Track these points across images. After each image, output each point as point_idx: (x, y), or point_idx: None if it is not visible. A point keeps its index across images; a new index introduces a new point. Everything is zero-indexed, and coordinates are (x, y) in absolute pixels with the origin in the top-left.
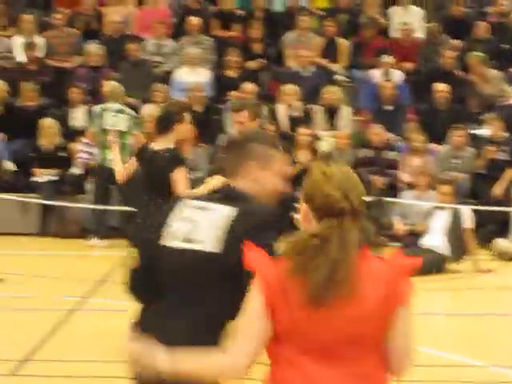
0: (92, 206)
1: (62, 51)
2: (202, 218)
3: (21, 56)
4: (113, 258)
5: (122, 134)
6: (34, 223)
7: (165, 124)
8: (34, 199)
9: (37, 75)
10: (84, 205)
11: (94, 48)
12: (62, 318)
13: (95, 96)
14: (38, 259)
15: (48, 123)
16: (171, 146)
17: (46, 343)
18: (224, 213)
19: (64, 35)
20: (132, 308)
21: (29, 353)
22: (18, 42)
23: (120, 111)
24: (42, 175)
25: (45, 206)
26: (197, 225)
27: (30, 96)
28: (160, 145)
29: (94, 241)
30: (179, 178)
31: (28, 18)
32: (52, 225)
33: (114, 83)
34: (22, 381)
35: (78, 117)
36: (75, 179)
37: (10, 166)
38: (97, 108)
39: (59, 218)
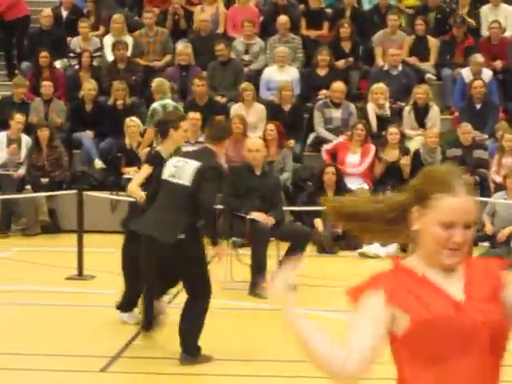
0: None
1: (151, 50)
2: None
3: (111, 55)
4: None
5: None
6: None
7: (162, 129)
8: (122, 197)
9: (126, 74)
10: None
11: (182, 47)
12: None
13: (184, 95)
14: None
15: (132, 122)
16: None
17: (136, 341)
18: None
19: (153, 34)
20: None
21: (120, 350)
22: (108, 42)
23: (176, 107)
24: (130, 173)
25: (134, 203)
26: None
27: (119, 95)
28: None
29: None
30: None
31: (118, 18)
32: None
33: (160, 79)
34: (111, 377)
35: None
36: None
37: (99, 163)
38: (157, 105)
39: None
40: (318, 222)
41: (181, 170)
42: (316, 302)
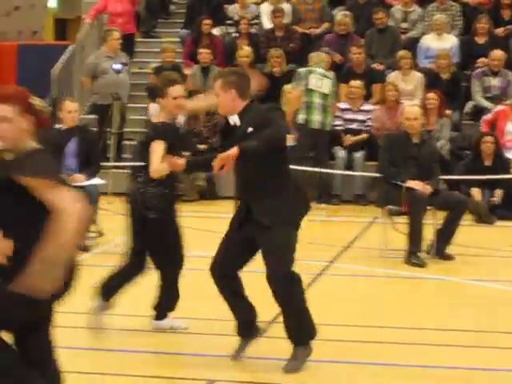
0: (339, 172)
1: (308, 18)
2: None
3: (268, 22)
4: (356, 224)
5: (324, 96)
6: None
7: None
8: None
9: (283, 41)
10: (329, 170)
11: (342, 16)
12: (308, 282)
13: (343, 62)
14: None
15: (292, 89)
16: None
17: None
18: None
19: (311, 2)
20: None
21: (276, 315)
22: (266, 9)
23: (324, 75)
24: (289, 140)
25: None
26: None
27: (276, 62)
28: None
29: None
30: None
31: None
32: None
33: (320, 53)
34: (267, 342)
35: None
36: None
37: None
38: (303, 70)
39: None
40: (476, 192)
41: None
42: (475, 272)
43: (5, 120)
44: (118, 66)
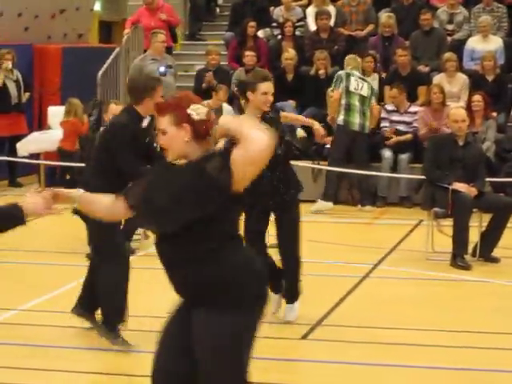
0: (384, 174)
1: (353, 20)
2: None
3: (313, 25)
4: (402, 227)
5: (363, 99)
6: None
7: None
8: (324, 166)
9: (328, 44)
10: (374, 172)
11: (386, 18)
12: (354, 284)
13: (387, 64)
14: (330, 226)
15: (337, 91)
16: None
17: (337, 309)
18: None
19: (356, 4)
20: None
21: (320, 318)
22: (311, 11)
23: (362, 79)
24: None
25: (337, 173)
26: None
27: (321, 64)
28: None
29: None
30: None
31: None
32: (343, 192)
33: (355, 57)
34: (312, 344)
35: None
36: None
37: (301, 132)
38: (342, 72)
39: (350, 186)
40: None
41: None
42: None
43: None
44: (163, 69)
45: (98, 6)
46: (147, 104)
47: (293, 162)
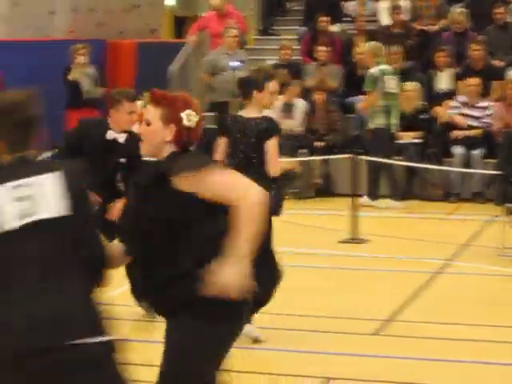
0: (453, 169)
1: (426, 14)
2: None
3: (386, 19)
4: (474, 223)
5: (394, 96)
6: (398, 186)
7: (243, 91)
8: (396, 161)
9: (401, 38)
10: (445, 167)
11: (457, 14)
12: (426, 280)
13: (460, 60)
14: (402, 221)
15: (410, 86)
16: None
17: (409, 305)
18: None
19: None
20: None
21: (392, 313)
22: (384, 6)
23: (393, 73)
24: (405, 138)
25: (409, 168)
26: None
27: (395, 59)
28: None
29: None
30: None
31: None
32: (415, 187)
33: (374, 43)
34: (384, 340)
35: (442, 80)
36: (439, 142)
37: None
38: (375, 71)
39: (423, 181)
40: None
41: None
42: None
43: (148, 123)
44: (235, 64)
45: (171, 2)
46: None
47: (364, 157)
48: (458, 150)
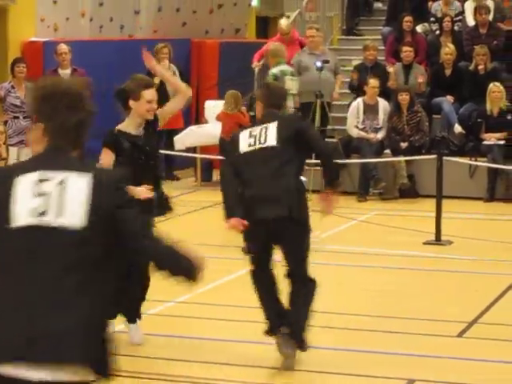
0: None
1: None
2: None
3: (472, 20)
4: None
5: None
6: (482, 187)
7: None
8: (481, 163)
9: (488, 39)
10: None
11: None
12: (510, 282)
13: None
14: (486, 223)
15: (495, 87)
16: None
17: (494, 307)
18: None
19: None
20: None
21: (477, 315)
22: (469, 6)
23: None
24: (491, 139)
25: (493, 170)
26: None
27: (481, 60)
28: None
29: None
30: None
31: None
32: (500, 189)
33: (275, 43)
34: (468, 342)
35: None
36: None
37: (458, 128)
38: (276, 71)
39: (508, 183)
40: None
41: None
42: None
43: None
44: (319, 64)
45: (255, 2)
46: None
47: (450, 158)
48: None
